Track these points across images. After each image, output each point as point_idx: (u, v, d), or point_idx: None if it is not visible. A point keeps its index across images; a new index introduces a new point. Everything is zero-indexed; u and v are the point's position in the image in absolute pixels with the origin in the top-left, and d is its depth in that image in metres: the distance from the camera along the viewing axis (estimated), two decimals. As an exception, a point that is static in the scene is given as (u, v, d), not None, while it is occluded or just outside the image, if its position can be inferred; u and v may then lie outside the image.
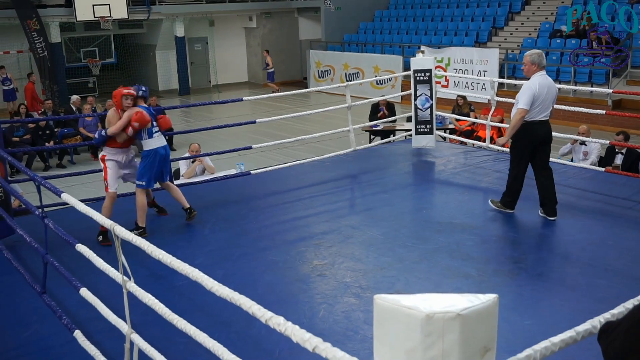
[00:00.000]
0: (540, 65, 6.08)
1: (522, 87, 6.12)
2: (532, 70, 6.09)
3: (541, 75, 6.08)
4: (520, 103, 5.98)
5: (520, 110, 5.98)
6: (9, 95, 17.54)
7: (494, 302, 1.60)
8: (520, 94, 6.00)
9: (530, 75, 6.11)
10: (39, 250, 4.61)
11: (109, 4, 19.61)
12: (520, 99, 5.99)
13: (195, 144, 9.08)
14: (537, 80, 6.04)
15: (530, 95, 5.94)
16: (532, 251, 5.52)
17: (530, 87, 5.97)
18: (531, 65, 6.08)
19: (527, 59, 6.10)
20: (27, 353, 4.16)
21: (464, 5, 21.24)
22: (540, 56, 6.10)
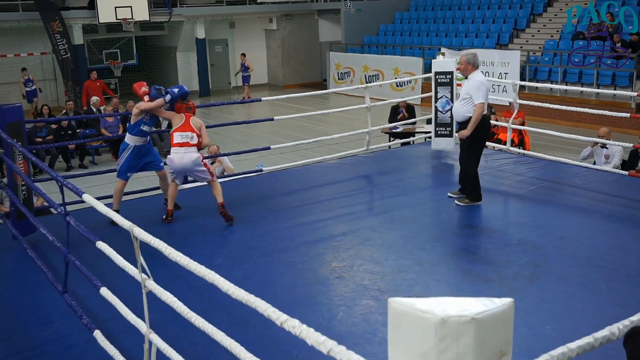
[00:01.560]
0: (475, 65, 6.61)
1: (469, 84, 6.56)
2: (469, 69, 6.61)
3: (479, 72, 6.63)
4: (479, 98, 6.42)
5: (480, 105, 6.42)
6: (32, 97, 17.77)
7: (509, 307, 1.59)
8: (474, 90, 6.45)
9: (467, 74, 6.66)
10: (61, 249, 4.66)
11: (131, 6, 19.80)
12: (475, 95, 6.44)
13: (214, 146, 9.14)
14: (481, 76, 6.58)
15: (484, 90, 6.46)
16: (553, 255, 5.47)
17: (482, 82, 6.49)
18: (467, 65, 6.60)
19: (464, 59, 6.60)
20: (48, 351, 4.21)
21: (485, 7, 21.12)
22: (475, 57, 6.65)
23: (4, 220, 6.42)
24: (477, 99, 6.44)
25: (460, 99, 6.71)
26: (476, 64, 6.61)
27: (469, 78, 6.63)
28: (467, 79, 6.69)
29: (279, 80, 25.22)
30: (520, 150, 9.42)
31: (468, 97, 6.54)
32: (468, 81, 6.63)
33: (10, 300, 5.01)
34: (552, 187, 7.46)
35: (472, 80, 6.57)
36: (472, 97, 6.48)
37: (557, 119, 15.09)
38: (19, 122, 6.17)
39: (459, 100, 6.71)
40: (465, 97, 6.57)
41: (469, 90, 6.52)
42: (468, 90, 6.54)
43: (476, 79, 6.54)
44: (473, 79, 6.56)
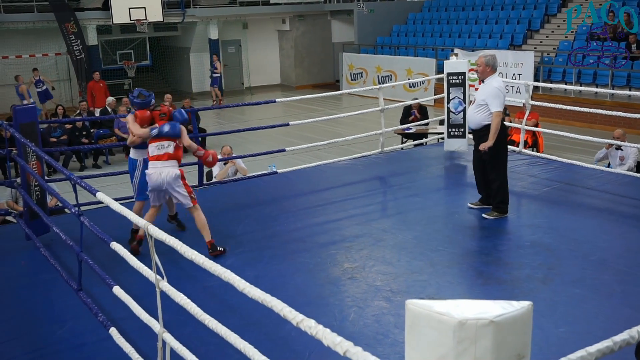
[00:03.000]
0: (494, 68, 6.23)
1: (485, 89, 6.19)
2: (487, 72, 6.22)
3: (497, 77, 6.28)
4: (496, 106, 6.10)
5: (498, 114, 6.11)
6: (43, 97, 17.86)
7: (528, 310, 1.58)
8: (491, 97, 6.10)
9: (484, 78, 6.24)
10: (74, 248, 4.69)
11: (144, 7, 19.89)
12: (493, 103, 6.10)
13: (227, 147, 9.14)
14: (499, 82, 6.24)
15: (502, 98, 6.15)
16: (566, 257, 5.43)
17: (499, 89, 6.15)
18: (486, 67, 6.20)
19: (482, 61, 6.20)
20: (62, 349, 4.23)
21: (499, 8, 21.02)
22: (495, 59, 6.25)
23: (18, 220, 6.46)
24: (494, 107, 6.10)
25: (475, 104, 6.31)
26: (495, 66, 6.23)
27: (486, 82, 6.25)
28: (483, 83, 6.31)
29: (291, 81, 25.24)
30: (534, 152, 9.36)
31: (484, 104, 6.17)
32: (485, 86, 6.25)
33: (24, 298, 5.04)
34: (565, 188, 7.41)
35: (489, 85, 6.19)
36: (489, 104, 6.11)
37: (571, 120, 14.98)
38: (32, 122, 6.22)
39: (475, 107, 6.32)
40: (482, 103, 6.20)
41: (486, 97, 6.15)
42: (485, 96, 6.17)
43: (494, 85, 6.16)
44: (490, 85, 6.18)
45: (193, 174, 9.98)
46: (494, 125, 6.13)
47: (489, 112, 6.16)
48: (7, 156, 6.61)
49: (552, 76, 16.91)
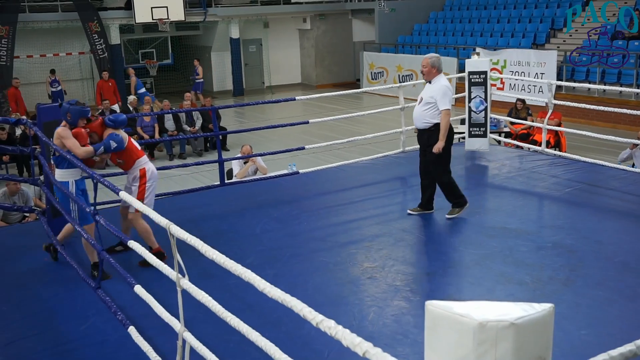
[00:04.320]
0: (439, 69, 6.22)
1: (433, 88, 6.17)
2: (433, 73, 6.21)
3: (444, 77, 6.27)
4: (445, 104, 6.10)
5: (447, 112, 6.11)
6: (57, 97, 18.05)
7: (549, 312, 1.56)
8: (439, 95, 6.10)
9: (430, 79, 6.22)
10: (95, 246, 4.73)
11: (166, 6, 20.04)
12: (442, 101, 6.09)
13: (247, 146, 9.17)
14: (446, 81, 6.25)
15: (451, 96, 6.17)
16: (589, 259, 5.36)
17: (448, 87, 6.18)
18: (432, 69, 6.19)
19: (428, 62, 6.18)
20: (84, 345, 4.28)
21: (521, 6, 20.83)
22: (440, 60, 6.26)
23: (40, 217, 6.54)
24: (443, 105, 6.08)
25: (423, 103, 6.23)
26: (440, 68, 6.23)
27: (433, 82, 6.21)
28: (429, 83, 6.26)
29: (312, 80, 25.26)
30: (556, 152, 9.27)
31: (433, 102, 6.14)
32: (432, 85, 6.21)
33: (46, 295, 5.11)
34: (588, 189, 7.32)
35: (437, 84, 6.18)
36: (438, 102, 6.10)
37: (595, 119, 14.81)
38: (55, 121, 6.28)
39: (422, 105, 6.23)
40: (430, 101, 6.16)
41: (434, 95, 6.13)
42: (433, 94, 6.14)
43: (442, 83, 6.17)
44: (438, 83, 6.17)
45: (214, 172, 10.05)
46: (443, 124, 6.11)
47: (437, 111, 6.13)
48: (31, 154, 6.70)
49: (575, 75, 16.72)
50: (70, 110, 5.28)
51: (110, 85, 17.47)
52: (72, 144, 5.12)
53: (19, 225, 7.50)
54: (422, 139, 6.38)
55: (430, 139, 6.22)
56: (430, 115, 6.19)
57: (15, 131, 13.19)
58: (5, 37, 18.65)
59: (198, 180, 11.46)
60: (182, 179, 11.86)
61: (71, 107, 5.31)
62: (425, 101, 6.22)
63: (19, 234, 6.65)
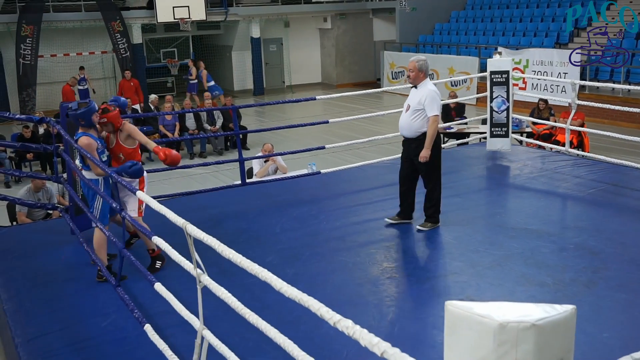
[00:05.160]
0: (426, 73, 5.94)
1: (420, 93, 5.86)
2: (420, 77, 5.91)
3: (430, 81, 5.94)
4: (434, 111, 5.81)
5: (436, 118, 5.82)
6: (84, 96, 18.23)
7: (571, 314, 1.54)
8: (428, 100, 5.78)
9: (417, 83, 5.93)
10: (117, 244, 4.77)
11: (188, 5, 20.16)
12: (431, 107, 5.79)
13: (268, 145, 9.21)
14: (433, 85, 5.91)
15: (439, 101, 5.86)
16: (612, 261, 5.29)
17: (437, 92, 5.86)
18: (419, 72, 5.90)
19: (415, 65, 5.87)
20: (105, 342, 4.32)
21: (544, 5, 20.62)
22: (427, 63, 5.94)
23: (63, 214, 6.62)
24: (432, 111, 5.78)
25: (411, 111, 5.89)
26: (427, 71, 5.94)
27: (419, 87, 5.91)
28: (415, 88, 5.96)
29: (332, 79, 25.25)
30: (580, 152, 9.16)
31: (421, 108, 5.82)
32: (418, 91, 5.89)
33: (69, 291, 5.16)
34: (612, 190, 7.23)
35: (424, 89, 5.86)
36: (427, 108, 5.79)
37: (619, 120, 14.62)
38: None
39: (410, 113, 5.90)
40: (418, 108, 5.84)
41: (422, 101, 5.80)
42: (421, 100, 5.81)
43: (429, 88, 5.85)
44: (425, 88, 5.85)
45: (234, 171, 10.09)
46: (431, 131, 5.81)
47: (427, 118, 5.84)
48: (55, 152, 6.78)
49: (599, 75, 16.51)
50: (80, 116, 5.23)
51: (132, 85, 17.61)
52: (93, 160, 5.07)
53: (42, 222, 7.60)
54: (410, 147, 6.04)
55: (419, 148, 5.91)
56: (419, 124, 5.88)
57: (39, 129, 13.36)
58: (30, 36, 18.91)
59: (218, 179, 11.52)
60: (202, 178, 11.93)
61: (78, 112, 5.24)
62: (413, 108, 5.90)
63: (42, 231, 6.73)
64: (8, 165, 12.92)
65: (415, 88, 5.96)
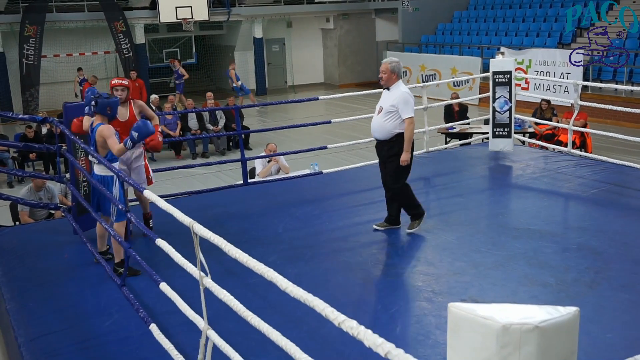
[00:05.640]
0: (399, 75, 5.82)
1: (392, 95, 5.77)
2: (393, 79, 5.80)
3: (403, 83, 5.86)
4: (409, 113, 5.69)
5: (411, 120, 5.72)
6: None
7: (574, 316, 1.54)
8: (401, 103, 5.69)
9: (389, 85, 5.81)
10: (123, 244, 4.78)
11: (191, 6, 20.18)
12: (405, 109, 5.69)
13: (272, 144, 9.22)
14: (406, 87, 5.84)
15: (413, 103, 5.75)
16: (615, 261, 5.29)
17: (409, 94, 5.77)
18: (391, 74, 5.78)
19: (387, 67, 5.76)
20: (108, 342, 4.33)
21: (547, 5, 20.60)
22: (400, 65, 5.85)
23: (66, 214, 6.63)
24: (406, 113, 5.68)
25: (383, 112, 5.79)
26: (400, 73, 5.82)
27: (391, 89, 5.81)
28: (387, 90, 5.86)
29: (335, 80, 25.26)
30: (582, 153, 9.16)
31: (394, 110, 5.72)
32: (390, 93, 5.80)
33: (72, 291, 5.17)
34: (615, 190, 7.22)
35: (396, 91, 5.77)
36: (400, 110, 5.69)
37: (622, 120, 14.60)
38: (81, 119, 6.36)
39: (382, 115, 5.79)
40: (391, 110, 5.74)
41: (395, 103, 5.71)
42: (393, 102, 5.72)
43: (401, 89, 5.77)
44: (398, 90, 5.77)
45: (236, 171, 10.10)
46: (408, 133, 5.71)
47: (399, 120, 5.74)
48: (57, 152, 6.79)
49: (602, 75, 16.49)
50: (110, 104, 5.33)
51: (137, 86, 17.62)
52: (113, 142, 5.16)
53: (45, 222, 7.61)
54: (382, 150, 5.94)
55: (391, 150, 5.83)
56: (392, 125, 5.76)
57: (42, 129, 13.38)
58: (33, 36, 18.94)
59: (221, 179, 11.53)
60: (205, 178, 11.94)
61: (111, 100, 5.35)
62: (385, 110, 5.79)
63: (45, 231, 6.74)
64: (11, 165, 12.94)
65: (388, 90, 5.86)
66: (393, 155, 5.83)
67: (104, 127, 5.25)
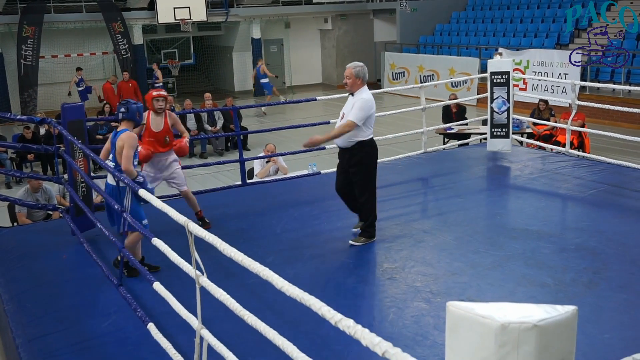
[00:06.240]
0: (364, 80, 5.61)
1: (353, 101, 5.57)
2: (357, 85, 5.58)
3: (367, 89, 5.65)
4: (355, 116, 5.47)
5: (351, 123, 5.47)
6: (83, 97, 18.18)
7: (572, 314, 1.54)
8: (357, 108, 5.48)
9: (354, 91, 5.59)
10: (118, 244, 4.78)
11: (189, 6, 20.16)
12: (354, 112, 5.48)
13: (271, 145, 9.22)
14: (370, 95, 5.64)
15: (367, 111, 5.52)
16: (613, 261, 5.29)
17: (368, 101, 5.56)
18: (356, 80, 5.57)
19: (352, 72, 5.55)
20: (106, 342, 4.32)
21: (545, 6, 20.62)
22: (364, 69, 5.62)
23: (64, 215, 6.62)
24: (352, 116, 5.45)
25: (345, 119, 5.59)
26: (365, 78, 5.61)
27: (355, 95, 5.59)
28: (352, 96, 5.63)
29: (333, 80, 25.24)
30: (580, 153, 9.16)
31: (344, 113, 5.59)
32: (353, 98, 5.59)
33: (70, 292, 5.16)
34: (612, 191, 7.23)
35: (358, 97, 5.56)
36: (351, 112, 5.51)
37: (620, 121, 14.61)
38: (79, 120, 6.36)
39: (344, 121, 5.59)
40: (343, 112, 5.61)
41: (350, 108, 5.55)
42: (352, 108, 5.54)
43: (363, 96, 5.56)
44: (360, 97, 5.56)
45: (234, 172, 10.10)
46: (338, 130, 5.53)
47: (360, 129, 5.55)
48: (55, 153, 6.78)
49: (600, 76, 16.51)
50: (139, 110, 5.23)
51: (130, 87, 17.58)
52: (130, 155, 4.99)
53: (43, 222, 7.60)
54: (344, 158, 5.77)
55: (352, 159, 5.66)
56: (353, 132, 5.54)
57: (40, 130, 13.36)
58: (31, 37, 18.91)
59: (219, 179, 11.52)
60: (203, 178, 11.93)
61: (140, 106, 5.25)
62: (346, 117, 5.59)
63: (43, 232, 6.73)
64: (9, 165, 12.92)
65: (352, 96, 5.65)
66: (355, 165, 5.66)
67: (130, 134, 5.10)
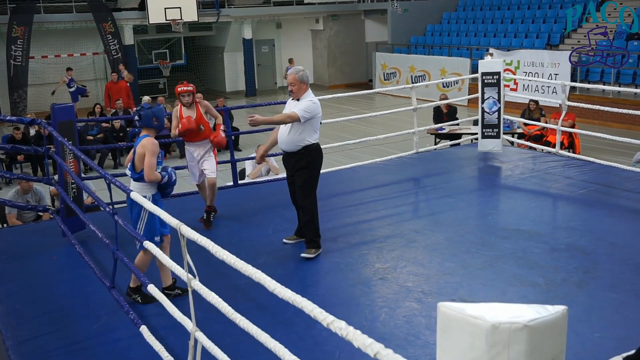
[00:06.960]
0: (308, 83, 5.51)
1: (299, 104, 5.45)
2: (303, 89, 5.47)
3: (312, 94, 5.54)
4: (301, 113, 5.35)
5: (295, 115, 5.35)
6: (74, 97, 18.08)
7: (563, 314, 1.55)
8: (303, 109, 5.37)
9: (300, 96, 5.47)
10: (110, 246, 4.76)
11: (180, 7, 20.12)
12: (300, 109, 5.37)
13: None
14: (315, 97, 5.54)
15: (313, 113, 5.43)
16: (603, 261, 5.32)
17: (316, 103, 5.48)
18: (301, 85, 5.45)
19: (295, 78, 5.42)
20: (97, 344, 4.30)
21: (535, 7, 20.72)
22: (307, 73, 5.53)
23: (55, 216, 6.59)
24: (299, 111, 5.35)
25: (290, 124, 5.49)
26: (308, 82, 5.52)
27: (301, 100, 5.47)
28: (297, 101, 5.51)
29: (324, 81, 25.26)
30: (570, 153, 9.21)
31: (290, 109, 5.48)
32: (299, 103, 5.47)
33: (60, 293, 5.14)
34: (603, 191, 7.27)
35: (304, 100, 5.46)
36: (298, 110, 5.39)
37: (610, 121, 14.70)
38: (69, 121, 6.33)
39: (289, 126, 5.48)
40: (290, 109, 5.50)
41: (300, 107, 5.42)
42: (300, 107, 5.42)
43: (310, 99, 5.47)
44: (305, 99, 5.47)
45: (226, 172, 10.07)
46: (280, 118, 5.43)
47: (306, 133, 5.46)
48: (46, 154, 6.75)
49: (589, 76, 16.60)
50: (154, 114, 4.90)
51: (121, 88, 17.49)
52: (152, 163, 4.73)
53: (33, 224, 7.56)
54: (289, 162, 5.66)
55: (298, 163, 5.55)
56: (299, 137, 5.45)
57: (30, 131, 13.30)
58: (21, 37, 18.81)
59: (210, 180, 11.47)
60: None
61: (155, 109, 4.94)
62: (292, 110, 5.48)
63: (33, 233, 6.70)
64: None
65: (298, 101, 5.52)
66: (301, 169, 5.56)
67: (151, 140, 4.82)
